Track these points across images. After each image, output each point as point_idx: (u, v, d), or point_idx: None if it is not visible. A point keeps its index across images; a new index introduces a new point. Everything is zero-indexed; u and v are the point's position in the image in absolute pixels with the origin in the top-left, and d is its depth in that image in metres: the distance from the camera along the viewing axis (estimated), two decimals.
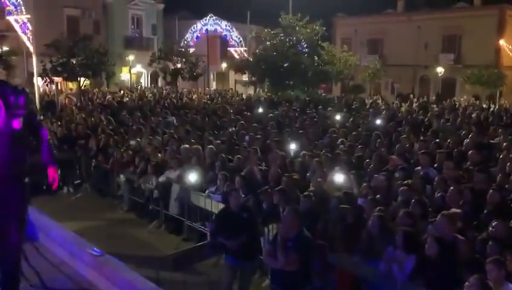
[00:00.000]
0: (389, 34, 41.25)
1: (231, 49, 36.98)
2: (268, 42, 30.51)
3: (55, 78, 23.48)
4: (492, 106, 23.79)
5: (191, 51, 33.14)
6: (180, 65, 31.04)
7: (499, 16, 37.25)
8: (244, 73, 34.57)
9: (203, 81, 35.25)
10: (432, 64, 38.09)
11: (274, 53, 29.51)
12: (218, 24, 35.74)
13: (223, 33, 36.20)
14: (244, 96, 28.59)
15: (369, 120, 15.16)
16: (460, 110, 19.50)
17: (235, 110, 18.33)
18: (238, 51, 36.52)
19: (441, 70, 37.11)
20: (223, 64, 39.91)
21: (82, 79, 24.59)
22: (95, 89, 27.81)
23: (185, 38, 35.84)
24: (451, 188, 6.73)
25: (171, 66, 31.20)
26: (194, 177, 8.80)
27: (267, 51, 30.05)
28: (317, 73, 29.67)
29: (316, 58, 30.10)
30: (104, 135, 12.53)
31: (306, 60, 29.47)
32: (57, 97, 20.76)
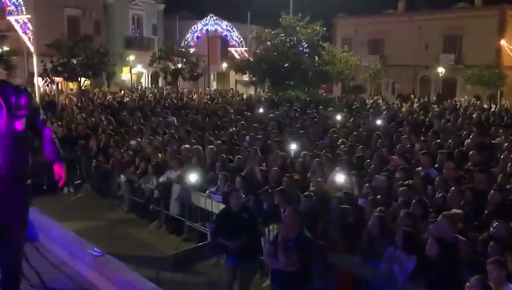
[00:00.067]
0: (389, 34, 41.25)
1: (232, 49, 36.97)
2: (268, 42, 30.51)
3: (55, 78, 23.52)
4: (493, 106, 23.75)
5: (192, 51, 33.21)
6: (180, 65, 31.12)
7: (500, 16, 37.25)
8: (244, 73, 34.57)
9: (203, 82, 35.26)
10: (433, 64, 38.11)
11: (274, 53, 29.51)
12: (218, 24, 35.73)
13: (224, 33, 36.18)
14: (244, 96, 28.58)
15: (370, 120, 15.15)
16: (461, 110, 19.49)
17: (235, 110, 18.32)
18: (238, 51, 36.51)
19: (441, 70, 37.12)
20: (224, 65, 39.90)
21: (82, 79, 24.65)
22: (95, 89, 27.80)
23: (186, 38, 35.84)
24: (453, 188, 6.73)
25: (171, 66, 31.27)
26: (194, 178, 8.80)
27: (268, 51, 30.05)
28: (317, 73, 29.66)
29: (316, 59, 30.10)
30: (104, 135, 12.51)
31: (306, 60, 29.47)
32: (57, 97, 20.73)
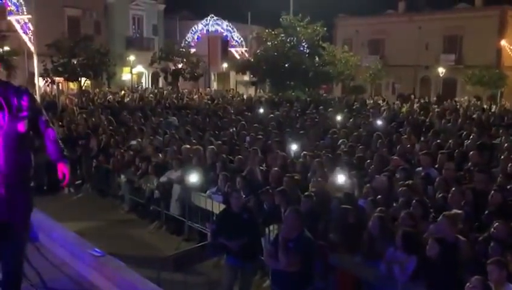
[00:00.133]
0: (390, 35, 41.25)
1: (232, 50, 36.96)
2: (269, 43, 30.57)
3: (56, 79, 23.56)
4: (494, 107, 23.74)
5: (192, 51, 33.21)
6: (181, 65, 31.14)
7: (500, 17, 37.23)
8: (245, 73, 34.61)
9: (203, 82, 35.25)
10: (433, 64, 38.10)
11: (275, 53, 29.57)
12: (219, 24, 35.73)
13: (224, 33, 36.17)
14: (244, 96, 28.61)
15: (370, 121, 15.14)
16: (461, 110, 19.47)
17: (235, 110, 18.32)
18: (239, 51, 36.50)
19: (442, 70, 37.10)
20: (224, 65, 39.89)
21: (83, 79, 24.67)
22: (96, 89, 27.81)
23: (186, 38, 35.82)
24: (453, 189, 6.72)
25: (172, 67, 31.27)
26: (195, 178, 8.79)
27: (268, 52, 30.10)
28: (318, 73, 29.71)
29: (316, 59, 30.16)
30: (105, 135, 12.52)
31: (307, 60, 29.52)
32: (58, 97, 20.75)
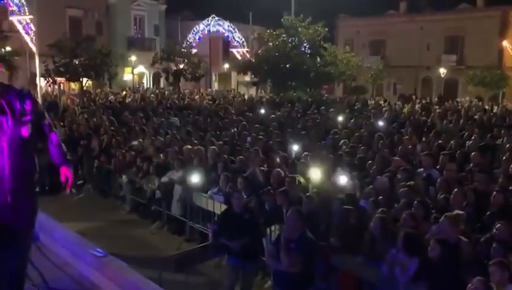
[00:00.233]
0: (391, 35, 41.24)
1: (233, 50, 36.98)
2: (270, 43, 30.56)
3: (57, 79, 23.60)
4: (495, 108, 23.71)
5: (193, 51, 33.22)
6: (182, 66, 31.14)
7: (502, 17, 37.20)
8: (246, 74, 34.61)
9: (205, 82, 35.25)
10: (435, 65, 38.10)
11: (276, 54, 29.56)
12: (220, 25, 35.75)
13: (225, 34, 36.19)
14: (246, 97, 28.61)
15: (372, 121, 15.13)
16: (463, 111, 19.45)
17: (237, 111, 18.32)
18: (240, 51, 36.52)
19: (443, 71, 37.08)
20: (225, 65, 39.90)
21: (84, 79, 24.71)
22: (97, 90, 27.84)
23: (187, 39, 35.84)
24: (455, 190, 6.71)
25: (173, 67, 31.28)
26: (196, 178, 8.79)
27: (270, 52, 30.08)
28: (319, 74, 29.70)
29: (318, 59, 30.14)
30: (106, 135, 12.53)
31: (308, 61, 29.50)
32: (59, 98, 20.78)
